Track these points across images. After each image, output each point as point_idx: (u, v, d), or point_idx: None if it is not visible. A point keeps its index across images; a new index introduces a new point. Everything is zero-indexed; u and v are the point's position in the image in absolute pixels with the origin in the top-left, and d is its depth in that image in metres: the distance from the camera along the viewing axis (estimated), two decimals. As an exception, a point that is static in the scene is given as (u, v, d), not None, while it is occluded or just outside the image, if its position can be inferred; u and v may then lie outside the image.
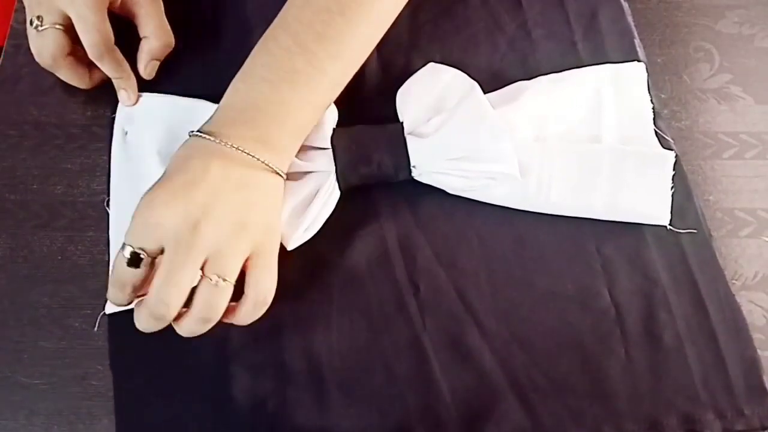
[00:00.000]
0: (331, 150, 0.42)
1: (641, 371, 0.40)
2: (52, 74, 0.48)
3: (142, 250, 0.35)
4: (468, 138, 0.42)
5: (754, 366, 0.40)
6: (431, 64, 0.46)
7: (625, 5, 0.52)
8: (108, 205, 0.44)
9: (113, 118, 0.47)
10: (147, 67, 0.47)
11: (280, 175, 0.40)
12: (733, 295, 0.42)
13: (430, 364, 0.40)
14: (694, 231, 0.44)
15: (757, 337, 0.42)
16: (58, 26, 0.44)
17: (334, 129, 0.43)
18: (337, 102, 0.43)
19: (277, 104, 0.39)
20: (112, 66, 0.45)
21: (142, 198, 0.36)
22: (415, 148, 0.42)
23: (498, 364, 0.40)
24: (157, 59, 0.48)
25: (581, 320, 0.41)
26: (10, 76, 0.50)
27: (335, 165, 0.42)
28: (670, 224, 0.43)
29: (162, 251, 0.35)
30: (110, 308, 0.41)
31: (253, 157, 0.38)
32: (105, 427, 0.39)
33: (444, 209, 0.44)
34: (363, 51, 0.43)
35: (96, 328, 0.41)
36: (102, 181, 0.45)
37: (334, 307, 0.41)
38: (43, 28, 0.44)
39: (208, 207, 0.36)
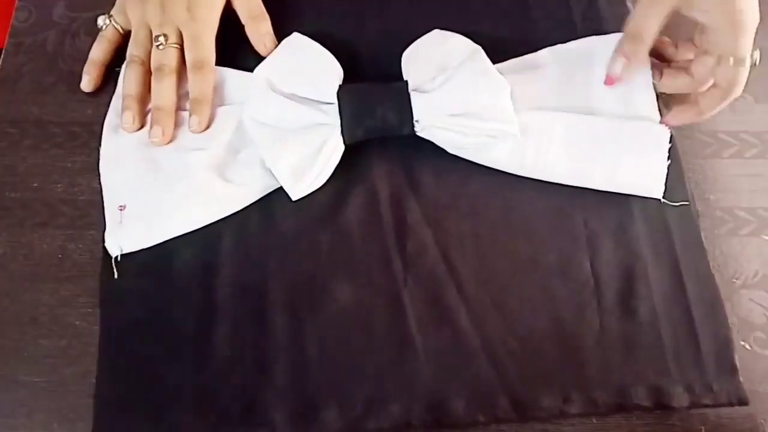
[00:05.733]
0: (336, 104, 0.43)
1: (614, 342, 0.41)
2: (53, 73, 0.49)
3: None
4: (470, 95, 0.42)
5: (727, 344, 0.41)
6: (437, 31, 0.46)
7: None
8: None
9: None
10: (266, 45, 0.48)
11: None
12: (713, 275, 0.43)
13: (407, 320, 0.41)
14: (686, 203, 0.44)
15: (757, 335, 0.42)
16: (176, 45, 0.46)
17: (339, 85, 0.44)
18: (341, 63, 0.45)
19: None
20: (199, 80, 0.46)
21: None
22: (418, 103, 0.43)
23: (473, 326, 0.41)
24: (263, 35, 0.48)
25: (560, 290, 0.42)
26: (10, 74, 0.50)
27: (340, 118, 0.43)
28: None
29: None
30: (114, 251, 0.42)
31: None
32: (105, 425, 0.39)
33: (439, 173, 0.45)
34: None
35: (116, 274, 0.42)
36: (103, 180, 0.45)
37: (320, 262, 0.42)
38: (164, 46, 0.46)
39: None
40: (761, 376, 0.41)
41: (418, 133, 0.44)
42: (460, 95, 0.43)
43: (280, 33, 0.48)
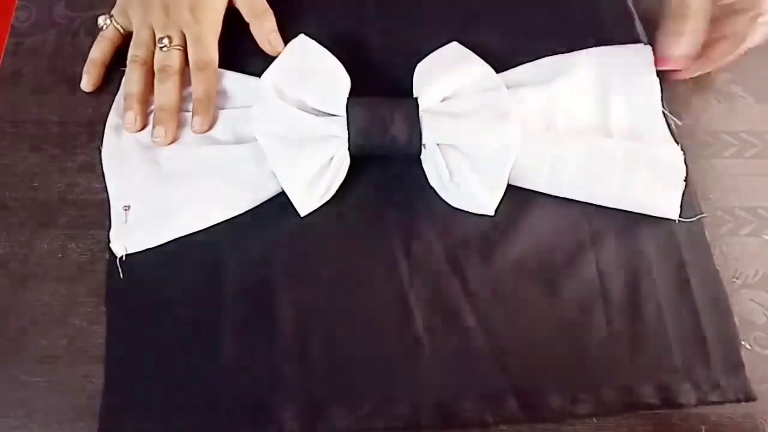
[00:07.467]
0: (344, 117, 0.43)
1: (621, 341, 0.41)
2: (54, 73, 0.49)
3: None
4: (480, 142, 0.42)
5: (733, 340, 0.41)
6: (455, 44, 0.46)
7: None
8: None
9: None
10: (271, 43, 0.49)
11: None
12: (717, 270, 0.43)
13: (414, 321, 0.41)
14: (704, 215, 0.44)
15: (757, 335, 0.42)
16: (180, 47, 0.47)
17: (348, 98, 0.43)
18: (344, 65, 0.45)
19: None
20: (202, 81, 0.46)
21: None
22: (428, 128, 0.42)
23: (480, 326, 0.41)
24: (267, 32, 0.49)
25: (566, 289, 0.42)
26: (11, 74, 0.50)
27: (348, 133, 0.43)
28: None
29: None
30: (119, 252, 0.42)
31: None
32: (105, 425, 0.39)
33: None
34: None
35: (121, 274, 0.42)
36: (103, 179, 0.45)
37: (325, 266, 0.42)
38: (168, 48, 0.46)
39: None
40: (761, 376, 0.41)
41: (423, 159, 0.44)
42: (473, 140, 0.42)
43: (283, 33, 0.49)
